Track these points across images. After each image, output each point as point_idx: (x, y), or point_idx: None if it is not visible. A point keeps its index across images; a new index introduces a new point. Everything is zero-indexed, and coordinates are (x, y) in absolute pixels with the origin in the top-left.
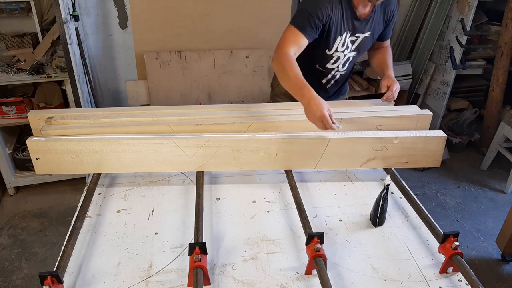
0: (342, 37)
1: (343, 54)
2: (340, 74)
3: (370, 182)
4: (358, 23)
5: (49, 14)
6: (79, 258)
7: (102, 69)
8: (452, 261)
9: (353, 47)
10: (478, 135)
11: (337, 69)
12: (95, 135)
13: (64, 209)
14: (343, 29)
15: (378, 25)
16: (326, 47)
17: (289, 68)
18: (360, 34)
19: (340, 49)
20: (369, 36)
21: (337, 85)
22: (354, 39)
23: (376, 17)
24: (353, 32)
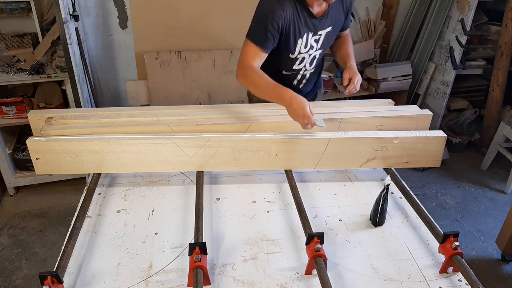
0: (303, 39)
1: (307, 54)
2: (309, 72)
3: (370, 182)
4: (316, 21)
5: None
6: (79, 258)
7: (102, 69)
8: (452, 261)
9: (318, 45)
10: (478, 135)
11: (305, 68)
12: (95, 135)
13: (64, 209)
14: (302, 31)
15: (338, 18)
16: (288, 52)
17: (258, 78)
18: (321, 31)
19: (303, 50)
20: (331, 30)
21: (310, 83)
22: (317, 38)
23: (335, 10)
24: (314, 32)
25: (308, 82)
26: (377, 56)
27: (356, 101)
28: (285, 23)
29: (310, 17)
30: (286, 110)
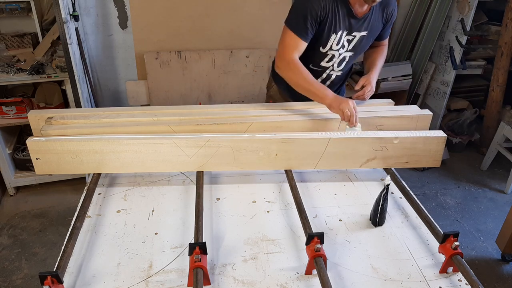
0: (337, 35)
1: (337, 53)
2: (336, 75)
3: (370, 182)
4: (354, 21)
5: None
6: (79, 258)
7: (102, 69)
8: (452, 261)
9: (350, 46)
10: (478, 135)
11: (332, 68)
12: (95, 135)
13: (64, 209)
14: (338, 27)
15: (376, 25)
16: (320, 45)
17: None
18: (356, 33)
19: (335, 47)
20: (367, 35)
21: (333, 87)
22: (351, 38)
23: (375, 16)
24: (349, 31)
25: (332, 85)
26: None
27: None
28: (323, 14)
29: (349, 15)
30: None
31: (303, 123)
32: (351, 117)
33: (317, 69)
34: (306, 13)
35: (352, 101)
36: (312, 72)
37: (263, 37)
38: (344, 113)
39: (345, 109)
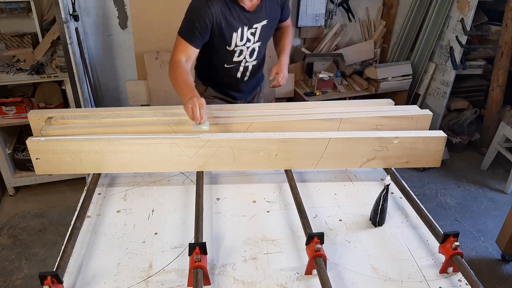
0: (237, 33)
1: (245, 47)
2: (252, 65)
3: (370, 182)
4: (250, 15)
5: (49, 14)
6: (79, 258)
7: (102, 69)
8: (452, 261)
9: (256, 38)
10: (478, 135)
11: (245, 60)
12: (95, 135)
13: (64, 209)
14: (236, 25)
15: (274, 11)
16: (225, 45)
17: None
18: (257, 25)
19: (240, 43)
20: (267, 23)
21: (253, 76)
22: (253, 31)
23: (269, 4)
24: (249, 25)
25: (252, 75)
26: (377, 56)
27: (356, 101)
28: (214, 19)
29: (243, 11)
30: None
31: (303, 123)
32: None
33: (232, 65)
34: (195, 21)
35: (198, 100)
36: (230, 69)
37: None
38: (187, 111)
39: (188, 107)
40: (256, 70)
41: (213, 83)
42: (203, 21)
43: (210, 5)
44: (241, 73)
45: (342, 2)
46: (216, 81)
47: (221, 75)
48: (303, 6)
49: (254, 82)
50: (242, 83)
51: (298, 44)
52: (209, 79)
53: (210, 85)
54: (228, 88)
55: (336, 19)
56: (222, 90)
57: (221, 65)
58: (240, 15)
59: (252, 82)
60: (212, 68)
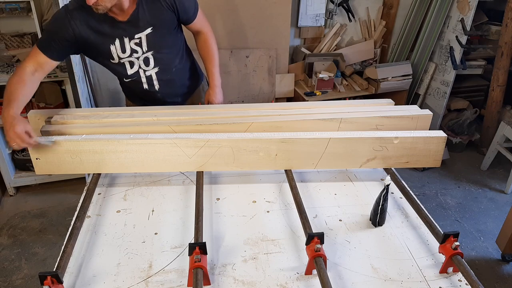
0: (115, 45)
1: (134, 58)
2: (154, 72)
3: (370, 182)
4: (125, 25)
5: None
6: (79, 258)
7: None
8: (452, 261)
9: (144, 48)
10: (478, 135)
11: (143, 70)
12: (95, 135)
13: (64, 209)
14: (110, 37)
15: (161, 16)
16: (107, 59)
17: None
18: (139, 35)
19: (123, 56)
20: (154, 31)
21: (171, 82)
22: (138, 41)
23: (148, 10)
24: (130, 36)
25: (166, 82)
26: (377, 56)
27: (356, 101)
28: (75, 32)
29: (114, 23)
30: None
31: (303, 123)
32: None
33: (131, 78)
34: (52, 33)
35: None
36: (133, 83)
37: (263, 37)
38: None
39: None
40: (167, 76)
41: (133, 98)
42: (61, 34)
43: (70, 18)
44: (147, 84)
45: (342, 2)
46: (134, 96)
47: (132, 89)
48: (303, 6)
49: (175, 89)
50: (157, 93)
51: (298, 44)
52: (129, 95)
53: (133, 101)
54: (148, 102)
55: (336, 19)
56: (145, 104)
57: (122, 79)
58: (114, 27)
59: (171, 89)
60: (121, 83)
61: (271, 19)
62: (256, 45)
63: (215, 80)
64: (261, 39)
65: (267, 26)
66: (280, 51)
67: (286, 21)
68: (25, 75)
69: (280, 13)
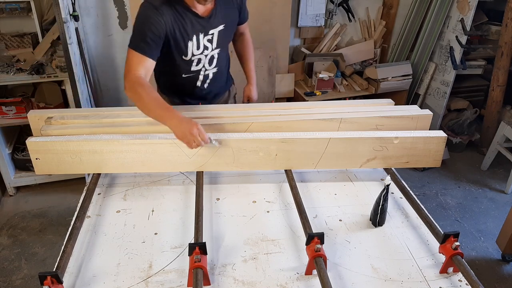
0: (193, 41)
1: (203, 55)
2: (212, 72)
3: (370, 182)
4: (204, 21)
5: (49, 14)
6: (79, 258)
7: (102, 69)
8: (452, 261)
9: (214, 45)
10: (478, 135)
11: (205, 68)
12: (95, 135)
13: (64, 209)
14: (190, 33)
15: (231, 14)
16: (181, 55)
17: (146, 94)
18: (213, 31)
19: (197, 52)
20: (225, 28)
21: (217, 82)
22: (210, 37)
23: (224, 7)
24: (205, 32)
25: (214, 81)
26: (377, 56)
27: (356, 101)
28: (166, 28)
29: (196, 17)
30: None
31: (303, 123)
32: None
33: (190, 75)
34: (146, 31)
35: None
36: (188, 79)
37: (263, 37)
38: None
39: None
40: (220, 76)
41: (172, 92)
42: (156, 29)
43: (162, 13)
44: (201, 81)
45: (342, 2)
46: (175, 90)
47: (180, 85)
48: (303, 6)
49: (217, 89)
50: (204, 90)
51: (298, 44)
52: (168, 88)
53: (169, 95)
54: (189, 97)
55: (336, 19)
56: (183, 99)
57: (179, 75)
58: (194, 22)
59: (214, 88)
60: (170, 78)
61: (271, 19)
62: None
63: (254, 78)
64: (261, 39)
65: (267, 26)
66: (280, 51)
67: (286, 21)
68: (147, 83)
69: (280, 13)
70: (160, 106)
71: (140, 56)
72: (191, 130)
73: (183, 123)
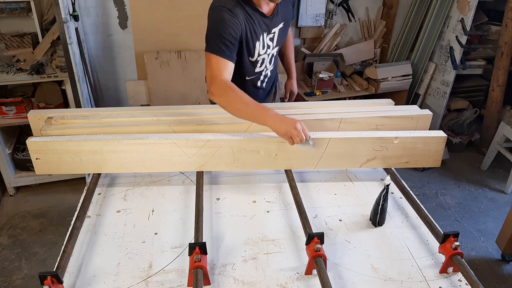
0: (260, 41)
1: (266, 55)
2: (270, 71)
3: (370, 182)
4: (268, 20)
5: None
6: (79, 258)
7: (102, 69)
8: (452, 261)
9: (274, 43)
10: (478, 135)
11: (266, 68)
12: (95, 135)
13: (64, 209)
14: (258, 33)
15: (288, 12)
16: (248, 56)
17: (239, 97)
18: (275, 29)
19: (262, 52)
20: (283, 26)
21: (271, 80)
22: (272, 36)
23: (284, 5)
24: (268, 31)
25: (270, 79)
26: (377, 56)
27: (356, 101)
28: (241, 29)
29: (262, 17)
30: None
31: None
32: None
33: (254, 76)
34: (224, 34)
35: (299, 124)
36: (251, 80)
37: None
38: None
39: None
40: (273, 73)
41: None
42: (233, 31)
43: (235, 15)
44: (261, 81)
45: (342, 2)
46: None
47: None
48: (303, 6)
49: (270, 86)
50: (261, 89)
51: (298, 44)
52: None
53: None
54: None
55: (336, 19)
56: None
57: (243, 78)
58: (260, 22)
59: (268, 86)
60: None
61: None
62: None
63: (295, 72)
64: None
65: None
66: None
67: None
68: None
69: None
70: (257, 106)
71: (223, 60)
72: (295, 125)
73: (285, 119)
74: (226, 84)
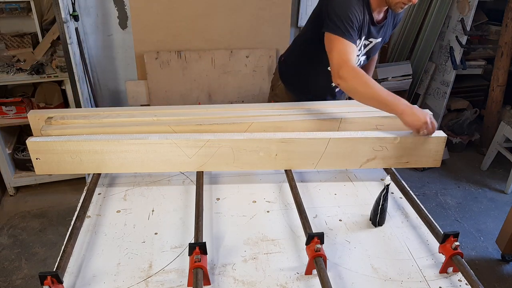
0: (361, 41)
1: (357, 58)
2: None
3: (370, 182)
4: (373, 28)
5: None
6: (79, 258)
7: (102, 69)
8: (452, 261)
9: (364, 51)
10: (478, 135)
11: None
12: (95, 135)
13: (64, 209)
14: (362, 33)
15: (388, 32)
16: None
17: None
18: (373, 39)
19: (357, 52)
20: (380, 41)
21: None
22: (367, 43)
23: (388, 23)
24: (367, 36)
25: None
26: None
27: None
28: (359, 19)
29: (371, 22)
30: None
31: (303, 123)
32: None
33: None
34: (351, 17)
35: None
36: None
37: (263, 37)
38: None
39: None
40: None
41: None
42: (359, 18)
43: (358, 4)
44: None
45: None
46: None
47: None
48: (303, 6)
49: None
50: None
51: None
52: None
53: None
54: (315, 96)
55: None
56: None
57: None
58: (368, 25)
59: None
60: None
61: (271, 19)
62: (256, 45)
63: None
64: (261, 39)
65: (267, 26)
66: (280, 51)
67: (286, 21)
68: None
69: (280, 13)
70: (389, 94)
71: (350, 44)
72: (425, 117)
73: (417, 110)
74: (357, 69)
